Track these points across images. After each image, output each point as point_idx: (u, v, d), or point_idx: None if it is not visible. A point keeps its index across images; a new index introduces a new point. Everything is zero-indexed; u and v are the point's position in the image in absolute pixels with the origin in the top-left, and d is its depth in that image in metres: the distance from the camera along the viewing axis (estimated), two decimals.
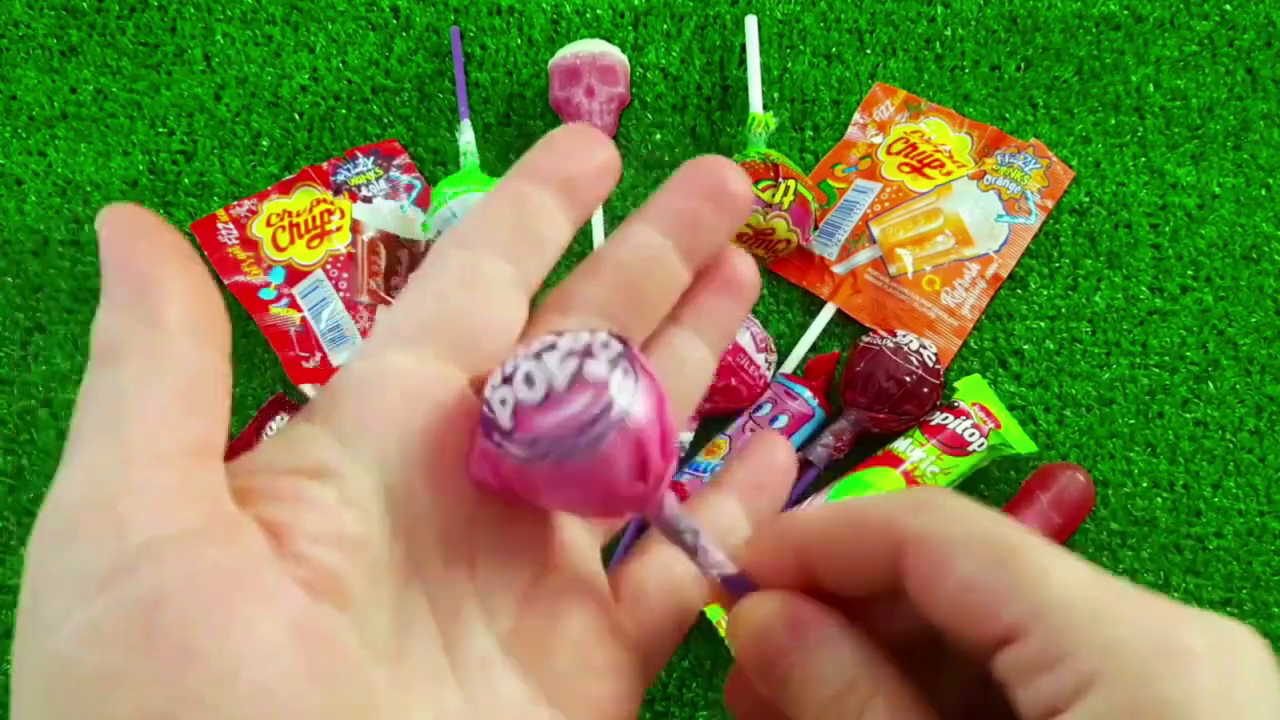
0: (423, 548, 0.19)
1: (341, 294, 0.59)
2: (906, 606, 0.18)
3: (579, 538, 0.22)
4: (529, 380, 0.18)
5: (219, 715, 0.15)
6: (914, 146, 0.63)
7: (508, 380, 0.18)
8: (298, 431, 0.19)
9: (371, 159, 0.63)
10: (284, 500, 0.17)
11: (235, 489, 0.17)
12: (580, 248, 0.61)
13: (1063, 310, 0.60)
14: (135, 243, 0.16)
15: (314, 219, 0.60)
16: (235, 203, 0.61)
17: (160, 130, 0.64)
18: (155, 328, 0.16)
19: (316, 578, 0.17)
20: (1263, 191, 0.62)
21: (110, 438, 0.16)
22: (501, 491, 0.19)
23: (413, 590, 0.19)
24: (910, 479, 0.52)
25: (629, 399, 0.18)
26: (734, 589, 0.20)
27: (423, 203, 0.62)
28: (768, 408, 0.56)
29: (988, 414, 0.54)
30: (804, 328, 0.59)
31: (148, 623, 0.15)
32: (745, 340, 0.55)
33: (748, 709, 0.21)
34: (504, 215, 0.21)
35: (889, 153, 0.63)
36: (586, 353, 0.18)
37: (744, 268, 0.23)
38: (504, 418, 0.18)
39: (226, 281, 0.59)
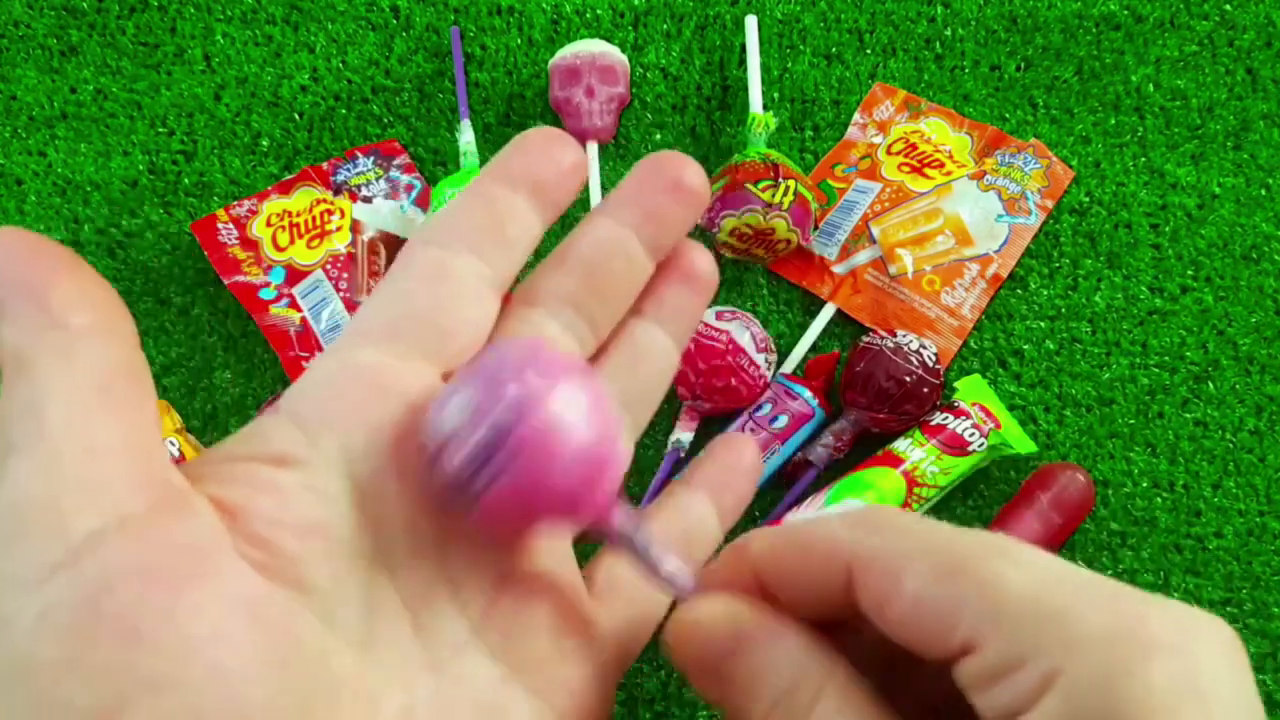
0: (390, 537, 0.19)
1: (342, 294, 0.59)
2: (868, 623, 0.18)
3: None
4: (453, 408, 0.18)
5: (175, 698, 0.15)
6: (914, 146, 0.63)
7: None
8: (262, 424, 0.19)
9: (371, 159, 0.63)
10: (239, 483, 0.17)
11: (189, 474, 0.17)
12: None
13: (1063, 310, 0.60)
14: (22, 257, 0.17)
15: (314, 219, 0.60)
16: (235, 203, 0.61)
17: (160, 130, 0.64)
18: (60, 331, 0.16)
19: (273, 560, 0.17)
20: (1263, 191, 0.62)
21: (39, 442, 0.16)
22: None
23: (381, 578, 0.19)
24: (910, 479, 0.52)
25: (542, 396, 0.18)
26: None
27: (423, 203, 0.62)
28: (768, 408, 0.56)
29: (988, 414, 0.54)
30: (804, 328, 0.59)
31: (95, 610, 0.15)
32: (745, 340, 0.55)
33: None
34: (474, 214, 0.21)
35: (889, 153, 0.63)
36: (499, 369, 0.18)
37: (701, 260, 0.23)
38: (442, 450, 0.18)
39: (227, 281, 0.59)
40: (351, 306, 0.58)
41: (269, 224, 0.60)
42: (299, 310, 0.58)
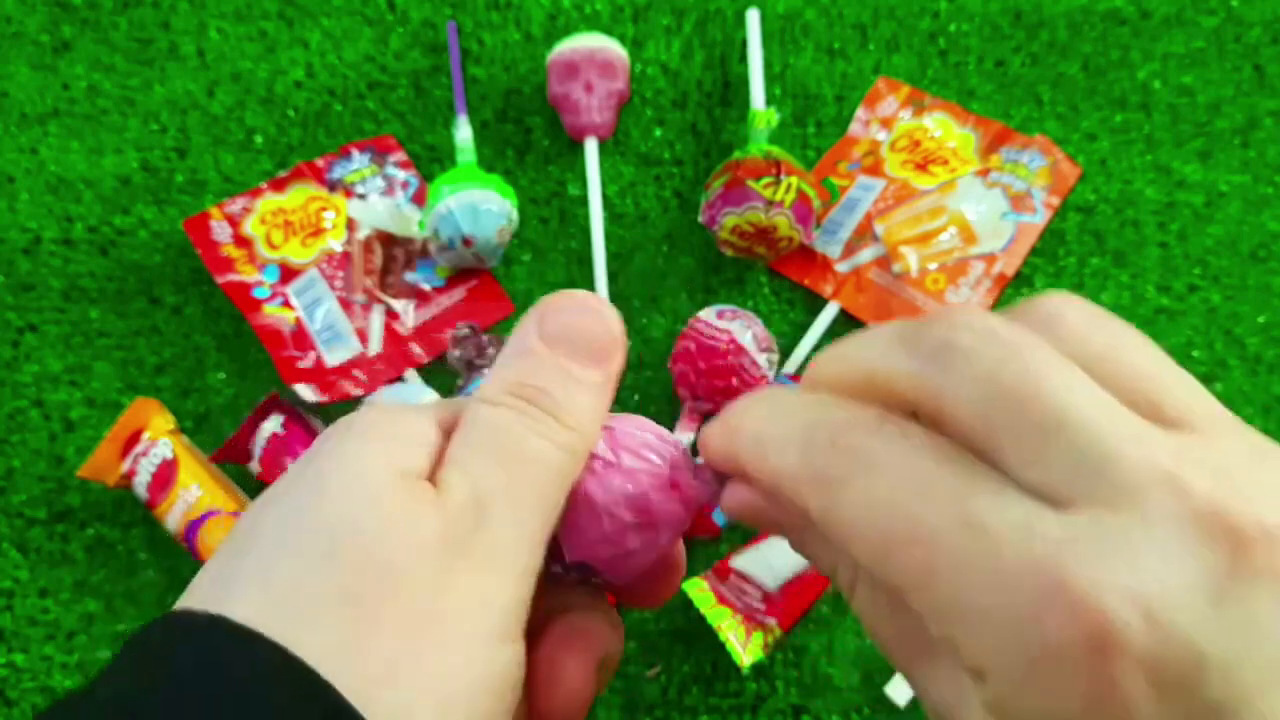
0: None
1: (337, 293, 0.58)
2: None
3: None
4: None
5: None
6: (918, 143, 0.62)
7: None
8: None
9: (367, 155, 0.62)
10: None
11: None
12: (579, 247, 0.60)
13: None
14: None
15: (309, 216, 0.60)
16: (228, 200, 0.60)
17: (153, 127, 0.63)
18: None
19: None
20: (1270, 189, 0.61)
21: None
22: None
23: None
24: None
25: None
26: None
27: (419, 200, 0.61)
28: None
29: None
30: (806, 327, 0.58)
31: None
32: (747, 340, 0.54)
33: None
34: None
35: (893, 149, 0.62)
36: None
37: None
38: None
39: (220, 280, 0.58)
40: (347, 305, 0.57)
41: (263, 222, 0.59)
42: (292, 309, 0.57)
